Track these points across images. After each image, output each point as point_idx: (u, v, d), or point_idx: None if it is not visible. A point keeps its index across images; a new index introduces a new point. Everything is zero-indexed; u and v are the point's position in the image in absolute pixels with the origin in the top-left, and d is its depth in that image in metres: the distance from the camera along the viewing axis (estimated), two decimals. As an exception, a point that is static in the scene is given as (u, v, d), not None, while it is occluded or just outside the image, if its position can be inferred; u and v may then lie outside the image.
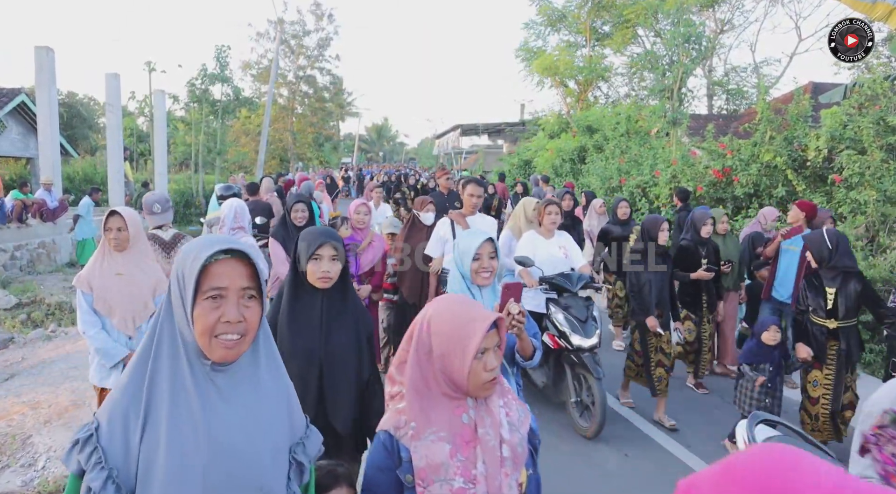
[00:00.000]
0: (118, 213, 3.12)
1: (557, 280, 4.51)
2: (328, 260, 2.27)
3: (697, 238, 5.40)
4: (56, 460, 4.08)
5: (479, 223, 4.76)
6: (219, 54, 22.24)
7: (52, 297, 9.26)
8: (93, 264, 3.21)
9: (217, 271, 1.23)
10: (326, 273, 2.26)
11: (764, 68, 23.03)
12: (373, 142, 75.14)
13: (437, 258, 4.85)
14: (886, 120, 8.44)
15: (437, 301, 1.58)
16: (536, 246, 4.67)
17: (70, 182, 19.36)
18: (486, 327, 1.44)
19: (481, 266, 2.60)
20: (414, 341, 1.51)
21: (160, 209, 4.04)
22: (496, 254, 2.63)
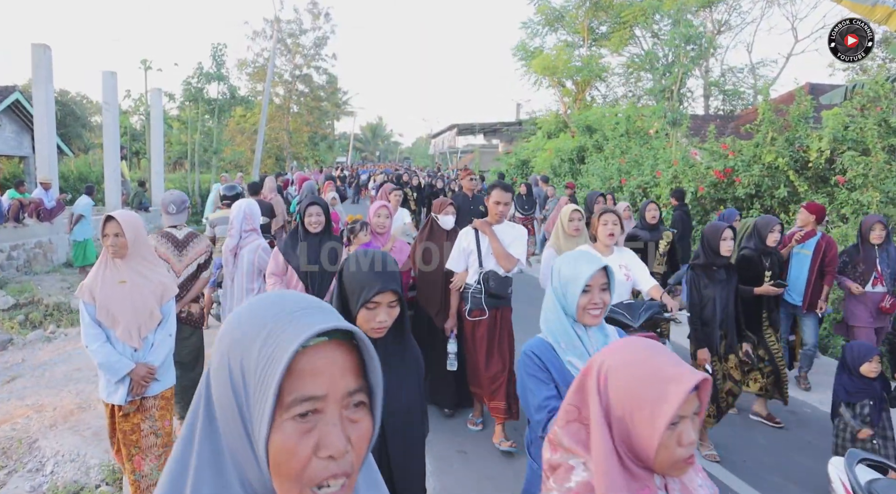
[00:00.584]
0: (114, 219, 2.96)
1: (615, 312, 3.52)
2: (386, 309, 1.84)
3: (762, 247, 4.74)
4: (64, 464, 4.02)
5: (508, 233, 4.17)
6: (215, 53, 22.14)
7: (49, 298, 9.17)
8: (95, 272, 3.02)
9: (309, 367, 0.75)
10: (383, 323, 1.84)
11: (760, 69, 23.14)
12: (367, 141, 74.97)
13: (460, 274, 4.27)
14: (889, 121, 8.48)
15: (614, 346, 1.27)
16: None
17: (65, 181, 19.18)
18: (686, 391, 1.12)
19: (591, 301, 2.04)
20: (591, 395, 1.20)
21: (175, 209, 4.03)
22: (609, 286, 2.09)
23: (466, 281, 4.25)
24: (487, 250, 4.09)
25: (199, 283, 4.16)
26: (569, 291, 2.05)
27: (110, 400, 3.08)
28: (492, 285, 4.07)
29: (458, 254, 4.25)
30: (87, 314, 2.96)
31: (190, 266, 4.16)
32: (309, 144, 35.12)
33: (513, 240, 4.15)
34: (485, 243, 4.12)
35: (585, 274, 2.02)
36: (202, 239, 4.16)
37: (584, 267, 2.04)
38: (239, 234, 4.23)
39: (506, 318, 4.28)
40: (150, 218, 15.92)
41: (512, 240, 4.15)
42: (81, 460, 4.04)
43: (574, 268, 2.06)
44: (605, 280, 2.08)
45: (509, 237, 4.15)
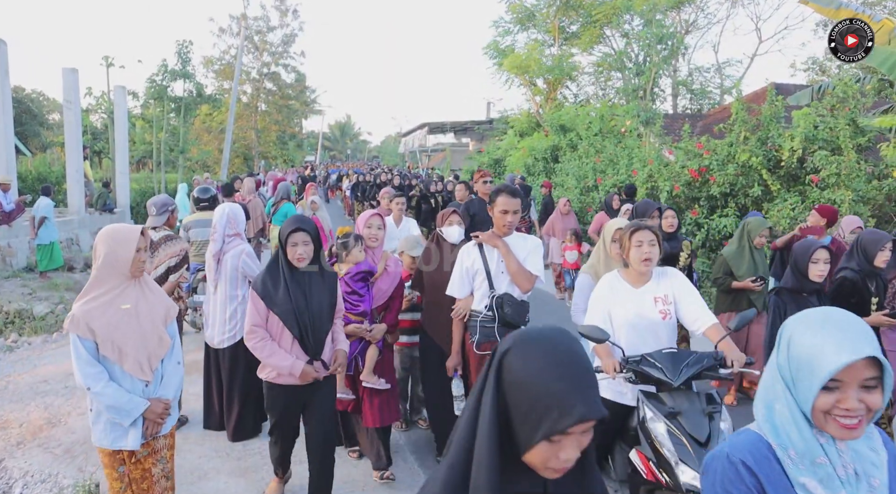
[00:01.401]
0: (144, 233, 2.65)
1: (650, 365, 2.74)
2: (578, 440, 1.17)
3: (867, 268, 3.89)
4: (34, 485, 3.79)
5: (521, 246, 3.49)
6: (181, 50, 21.60)
7: (10, 305, 8.74)
8: (90, 298, 2.55)
9: None
10: (568, 462, 1.14)
11: (726, 69, 23.61)
12: (336, 140, 74.29)
13: (464, 299, 3.56)
14: (857, 121, 8.69)
15: None
16: (616, 299, 3.01)
17: (23, 182, 18.42)
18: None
19: (842, 404, 1.25)
20: None
21: (155, 211, 4.17)
22: (881, 381, 1.26)
23: (473, 308, 3.53)
24: (499, 268, 3.45)
25: (166, 286, 4.11)
26: (801, 380, 1.29)
27: (117, 446, 2.60)
28: (507, 311, 3.40)
29: (460, 277, 3.55)
30: (84, 350, 2.51)
31: (159, 267, 4.19)
32: (277, 143, 34.56)
33: (528, 253, 3.48)
34: (493, 260, 3.47)
35: (836, 362, 1.22)
36: (176, 242, 4.21)
37: (829, 351, 1.23)
38: (222, 239, 4.05)
39: None
40: (116, 220, 15.40)
41: (527, 254, 3.48)
42: (53, 480, 3.81)
43: (814, 346, 1.26)
44: (871, 373, 1.24)
45: (523, 250, 3.47)
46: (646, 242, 2.91)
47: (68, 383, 5.53)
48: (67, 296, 9.33)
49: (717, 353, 2.74)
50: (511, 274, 3.41)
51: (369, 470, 3.81)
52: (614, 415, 3.00)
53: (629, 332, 2.94)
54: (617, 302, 2.99)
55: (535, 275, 3.44)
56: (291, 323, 3.02)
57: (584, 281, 3.80)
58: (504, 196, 3.39)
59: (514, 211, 3.39)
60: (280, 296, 3.01)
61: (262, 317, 3.06)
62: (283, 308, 3.00)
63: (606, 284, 3.07)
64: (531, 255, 3.48)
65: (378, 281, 3.74)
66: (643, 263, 2.92)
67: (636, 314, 2.94)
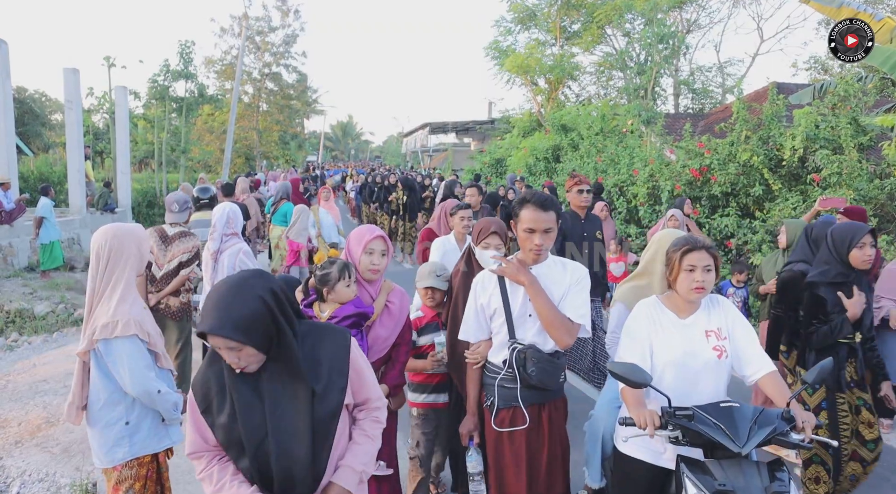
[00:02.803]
0: None
1: (705, 422, 2.09)
2: None
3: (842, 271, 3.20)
4: (32, 484, 3.78)
5: (558, 279, 2.56)
6: (183, 50, 21.65)
7: (11, 304, 8.75)
8: (133, 302, 2.48)
9: None
10: None
11: (728, 68, 23.58)
12: (338, 140, 74.32)
13: (481, 343, 2.67)
14: (858, 120, 8.66)
15: None
16: (659, 333, 2.40)
17: (24, 182, 18.48)
18: None
19: None
20: None
21: (177, 208, 4.39)
22: None
23: (490, 360, 2.65)
24: (525, 309, 2.53)
25: (177, 280, 4.37)
26: None
27: (164, 445, 2.57)
28: (532, 371, 2.46)
29: (474, 316, 2.65)
30: (147, 354, 2.46)
31: (172, 261, 4.41)
32: (279, 143, 34.57)
33: (568, 289, 2.53)
34: (517, 298, 2.54)
35: None
36: (190, 239, 4.44)
37: None
38: (220, 238, 4.08)
39: (557, 422, 2.60)
40: (117, 219, 15.43)
41: (566, 289, 2.53)
42: (51, 479, 3.81)
43: None
44: None
45: (561, 285, 2.54)
46: (700, 267, 2.29)
47: (67, 382, 5.54)
48: (68, 296, 9.34)
49: (788, 411, 2.12)
50: (542, 321, 2.48)
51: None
52: (647, 482, 2.37)
53: (676, 375, 2.31)
54: (660, 337, 2.37)
55: (576, 325, 2.49)
56: (239, 457, 1.80)
57: (618, 313, 2.96)
58: (531, 208, 2.47)
59: (546, 229, 2.47)
60: (223, 416, 1.78)
61: (206, 438, 1.84)
62: (226, 434, 1.78)
63: (644, 313, 2.44)
64: (573, 293, 2.53)
65: (376, 326, 2.72)
66: (694, 292, 2.31)
67: (685, 351, 2.32)
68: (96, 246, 2.45)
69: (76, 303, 8.98)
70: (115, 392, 2.44)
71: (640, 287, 2.93)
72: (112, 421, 2.44)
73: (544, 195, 2.53)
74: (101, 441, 2.46)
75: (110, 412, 2.44)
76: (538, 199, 2.48)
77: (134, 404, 2.47)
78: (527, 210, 2.48)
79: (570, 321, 2.47)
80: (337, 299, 2.58)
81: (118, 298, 2.42)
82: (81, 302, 9.14)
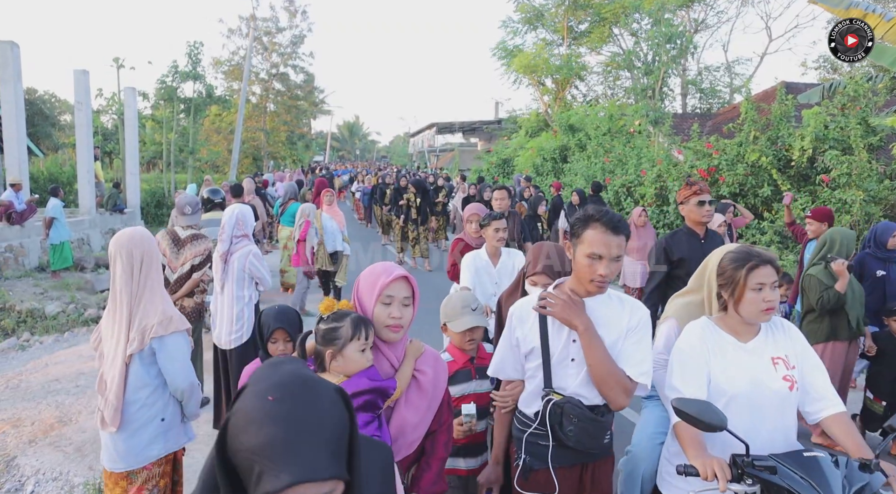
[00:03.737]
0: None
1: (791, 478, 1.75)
2: None
3: None
4: (46, 483, 3.83)
5: (612, 317, 2.07)
6: (191, 51, 21.78)
7: (22, 304, 8.83)
8: (170, 301, 2.64)
9: None
10: None
11: (736, 68, 23.47)
12: (344, 140, 74.49)
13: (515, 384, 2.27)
14: (868, 120, 8.62)
15: None
16: (719, 359, 2.05)
17: (35, 182, 18.65)
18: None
19: None
20: None
21: (190, 210, 4.41)
22: None
23: (520, 409, 2.20)
24: (566, 352, 2.06)
25: (190, 282, 4.45)
26: None
27: (189, 438, 2.69)
28: (569, 431, 2.01)
29: (506, 352, 2.21)
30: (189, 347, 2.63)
31: (185, 264, 4.48)
32: (286, 144, 34.68)
33: (626, 335, 2.04)
34: (560, 338, 2.06)
35: None
36: (202, 241, 4.45)
37: None
38: (230, 240, 4.09)
39: (601, 485, 2.16)
40: (126, 219, 15.53)
41: (623, 334, 2.04)
42: (64, 478, 3.85)
43: None
44: None
45: (617, 327, 2.04)
46: (768, 285, 1.98)
47: (79, 382, 5.59)
48: (79, 296, 9.41)
49: (872, 462, 1.77)
50: (594, 376, 1.99)
51: None
52: None
53: (739, 411, 1.95)
54: (720, 364, 2.02)
55: (633, 383, 2.00)
56: None
57: (670, 332, 2.48)
58: (600, 230, 1.98)
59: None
60: None
61: None
62: None
63: (698, 336, 2.08)
64: (633, 341, 2.04)
65: (401, 408, 1.92)
66: (764, 313, 1.98)
67: (752, 382, 1.96)
68: (125, 250, 2.47)
69: (86, 303, 9.05)
70: (157, 389, 2.48)
71: (697, 304, 2.46)
72: (148, 420, 2.47)
73: (615, 215, 2.03)
74: (132, 442, 2.46)
75: (148, 411, 2.47)
76: (609, 219, 1.98)
77: (168, 401, 2.52)
78: (594, 230, 1.97)
79: (629, 379, 1.99)
80: (344, 369, 1.78)
81: (161, 297, 2.52)
82: (92, 302, 9.21)
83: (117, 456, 2.49)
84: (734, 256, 2.07)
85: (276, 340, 2.55)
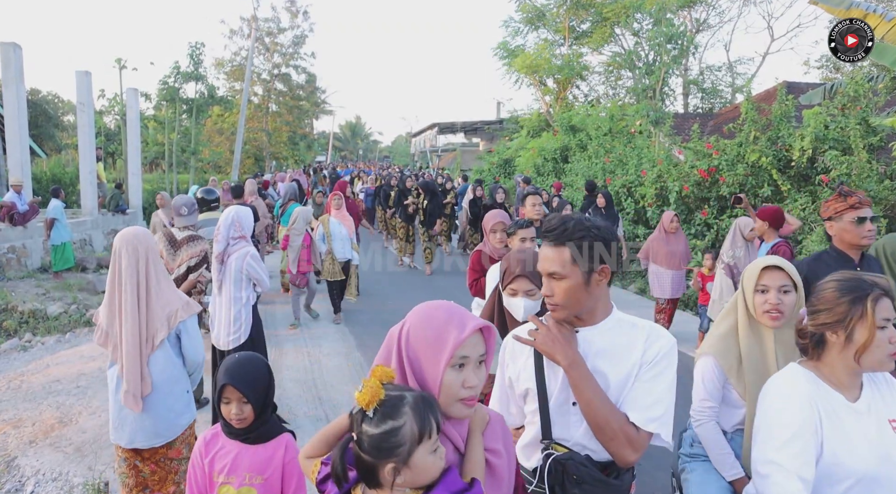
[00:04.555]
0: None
1: None
2: None
3: None
4: (46, 484, 3.85)
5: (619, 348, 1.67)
6: (193, 52, 21.84)
7: (24, 305, 8.88)
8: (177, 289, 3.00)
9: None
10: None
11: (738, 67, 23.44)
12: (346, 140, 74.55)
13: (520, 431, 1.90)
14: (868, 120, 8.61)
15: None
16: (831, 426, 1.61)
17: (38, 183, 18.72)
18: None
19: None
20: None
21: (187, 212, 4.43)
22: None
23: (520, 462, 1.82)
24: (566, 396, 1.68)
25: (187, 283, 4.49)
26: None
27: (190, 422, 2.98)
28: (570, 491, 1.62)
29: (500, 396, 1.89)
30: None
31: (181, 266, 4.52)
32: (288, 144, 34.75)
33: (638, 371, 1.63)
34: (558, 377, 1.68)
35: None
36: (199, 243, 4.45)
37: None
38: (226, 241, 4.10)
39: None
40: (128, 220, 15.58)
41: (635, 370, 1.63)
42: (64, 479, 3.88)
43: None
44: None
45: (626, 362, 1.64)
46: (892, 322, 1.60)
47: (80, 383, 5.62)
48: (80, 297, 9.45)
49: None
50: (589, 423, 1.61)
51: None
52: None
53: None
54: (839, 434, 1.58)
55: (643, 433, 1.58)
56: None
57: (709, 372, 2.12)
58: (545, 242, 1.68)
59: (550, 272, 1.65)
60: None
61: None
62: None
63: (804, 393, 1.62)
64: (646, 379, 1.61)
65: None
66: (890, 359, 1.60)
67: (881, 457, 1.55)
68: (130, 246, 2.67)
69: (88, 304, 9.09)
70: (179, 366, 2.81)
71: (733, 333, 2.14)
72: (179, 394, 2.80)
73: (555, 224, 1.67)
74: (168, 414, 2.75)
75: (176, 385, 2.78)
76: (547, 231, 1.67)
77: (186, 374, 2.86)
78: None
79: (635, 427, 1.57)
80: (413, 481, 1.21)
81: (171, 286, 2.81)
82: (94, 302, 9.24)
83: (154, 433, 2.74)
84: (844, 285, 1.61)
85: (229, 400, 2.04)
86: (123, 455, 2.79)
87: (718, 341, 2.15)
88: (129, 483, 2.79)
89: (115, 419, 2.75)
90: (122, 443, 2.75)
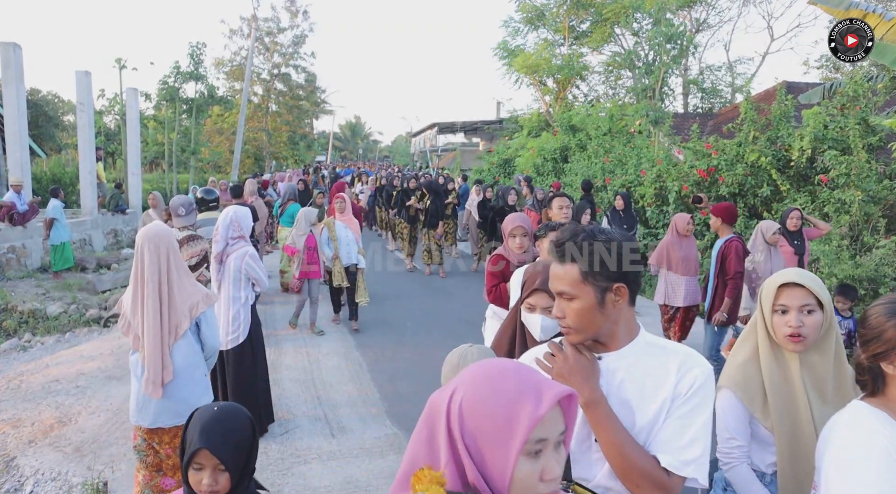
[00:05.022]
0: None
1: None
2: None
3: None
4: (45, 483, 3.86)
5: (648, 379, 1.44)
6: (193, 52, 21.86)
7: (24, 305, 8.89)
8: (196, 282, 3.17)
9: None
10: None
11: (738, 67, 23.44)
12: (346, 140, 74.57)
13: None
14: (867, 120, 8.62)
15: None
16: None
17: (38, 183, 18.72)
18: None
19: None
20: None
21: (184, 212, 4.45)
22: None
23: None
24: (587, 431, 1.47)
25: None
26: None
27: None
28: None
29: None
30: None
31: None
32: (288, 144, 34.76)
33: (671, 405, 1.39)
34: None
35: None
36: (198, 243, 4.47)
37: None
38: (225, 241, 4.11)
39: None
40: (128, 220, 15.59)
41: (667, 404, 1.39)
42: (63, 479, 3.89)
43: None
44: None
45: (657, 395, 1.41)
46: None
47: (79, 382, 5.63)
48: (80, 297, 9.46)
49: None
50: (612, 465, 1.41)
51: (373, 470, 3.84)
52: None
53: None
54: None
55: (675, 477, 1.37)
56: None
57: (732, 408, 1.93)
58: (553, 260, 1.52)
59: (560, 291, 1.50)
60: None
61: None
62: None
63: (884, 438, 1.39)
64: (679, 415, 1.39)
65: None
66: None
67: None
68: (152, 242, 2.82)
69: (88, 304, 9.10)
70: (199, 353, 2.99)
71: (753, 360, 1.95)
72: (199, 377, 2.99)
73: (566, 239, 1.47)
74: (189, 397, 2.91)
75: (195, 370, 2.96)
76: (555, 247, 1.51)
77: (204, 360, 3.05)
78: None
79: (665, 472, 1.36)
80: None
81: (191, 279, 2.98)
82: (93, 302, 9.25)
83: (177, 414, 2.88)
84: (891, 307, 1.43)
85: (201, 467, 1.67)
86: (143, 435, 2.94)
87: (737, 371, 1.92)
88: (148, 462, 2.96)
89: (139, 401, 2.90)
90: (145, 424, 2.89)
